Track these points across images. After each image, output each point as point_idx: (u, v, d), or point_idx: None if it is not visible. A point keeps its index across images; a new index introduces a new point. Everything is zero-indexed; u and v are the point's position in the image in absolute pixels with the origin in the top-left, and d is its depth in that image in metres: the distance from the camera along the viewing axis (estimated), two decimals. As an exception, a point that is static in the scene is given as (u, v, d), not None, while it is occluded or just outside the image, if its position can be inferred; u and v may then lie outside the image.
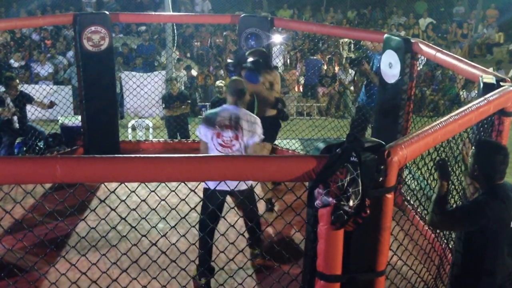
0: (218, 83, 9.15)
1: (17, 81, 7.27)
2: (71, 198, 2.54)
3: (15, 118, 7.00)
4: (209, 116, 4.28)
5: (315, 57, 13.83)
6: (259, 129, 4.26)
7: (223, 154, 4.01)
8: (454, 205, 3.52)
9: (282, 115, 5.57)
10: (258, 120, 4.31)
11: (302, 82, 13.52)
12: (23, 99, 7.13)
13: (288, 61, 14.58)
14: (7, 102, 6.89)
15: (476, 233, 2.98)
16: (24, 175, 2.09)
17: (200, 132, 4.24)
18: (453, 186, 3.49)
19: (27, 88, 8.42)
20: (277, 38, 7.51)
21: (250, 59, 5.53)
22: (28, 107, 7.37)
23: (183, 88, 11.18)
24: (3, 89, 7.28)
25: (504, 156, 3.04)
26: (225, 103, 4.39)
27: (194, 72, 13.26)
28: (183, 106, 8.88)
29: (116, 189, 2.50)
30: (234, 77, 4.78)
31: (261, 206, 5.47)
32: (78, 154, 6.74)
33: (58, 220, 2.74)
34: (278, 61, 10.04)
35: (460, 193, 3.65)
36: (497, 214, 2.96)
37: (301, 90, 13.43)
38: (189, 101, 9.30)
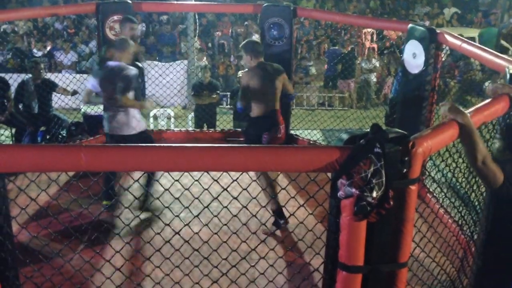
0: (239, 73, 9.13)
1: (42, 65, 7.30)
2: (95, 186, 2.56)
3: (34, 104, 7.03)
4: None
5: (336, 48, 13.71)
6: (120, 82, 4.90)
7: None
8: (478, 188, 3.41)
9: None
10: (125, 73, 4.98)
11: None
12: (47, 86, 7.17)
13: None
14: (30, 87, 6.93)
15: (503, 222, 2.92)
16: (48, 163, 2.11)
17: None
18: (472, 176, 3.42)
19: (50, 77, 8.48)
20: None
21: None
22: (52, 95, 7.43)
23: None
24: (27, 77, 7.34)
25: None
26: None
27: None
28: (213, 96, 8.92)
29: (139, 178, 2.51)
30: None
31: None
32: (101, 143, 6.80)
33: (82, 208, 2.77)
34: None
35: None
36: None
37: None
38: (218, 92, 9.31)
